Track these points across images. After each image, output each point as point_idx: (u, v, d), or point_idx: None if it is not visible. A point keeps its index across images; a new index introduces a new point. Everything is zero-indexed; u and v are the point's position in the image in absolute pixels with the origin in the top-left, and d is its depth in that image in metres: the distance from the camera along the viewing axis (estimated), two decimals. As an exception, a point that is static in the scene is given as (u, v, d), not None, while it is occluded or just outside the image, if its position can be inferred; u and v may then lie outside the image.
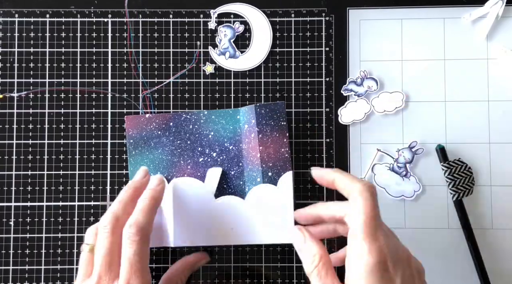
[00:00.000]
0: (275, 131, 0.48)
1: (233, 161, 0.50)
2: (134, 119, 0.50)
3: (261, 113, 0.48)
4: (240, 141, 0.50)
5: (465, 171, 0.50)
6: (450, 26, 0.52)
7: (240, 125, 0.50)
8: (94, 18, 0.52)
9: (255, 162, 0.48)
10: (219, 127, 0.50)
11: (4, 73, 0.52)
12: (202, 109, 0.52)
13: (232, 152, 0.50)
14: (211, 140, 0.50)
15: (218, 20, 0.52)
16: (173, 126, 0.50)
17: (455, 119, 0.52)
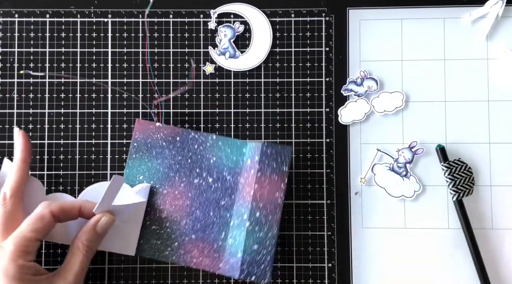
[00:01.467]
0: (275, 174, 0.48)
1: (227, 192, 0.50)
2: (144, 124, 0.50)
3: (266, 152, 0.48)
4: (239, 174, 0.50)
5: (465, 171, 0.50)
6: (450, 26, 0.52)
7: (243, 158, 0.50)
8: (94, 18, 0.52)
9: (247, 199, 0.48)
10: (222, 155, 0.50)
11: (4, 73, 0.52)
12: (203, 109, 0.52)
13: (228, 182, 0.50)
14: (211, 165, 0.50)
15: (218, 20, 0.52)
16: (179, 141, 0.50)
17: (455, 119, 0.52)
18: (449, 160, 0.50)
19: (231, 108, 0.52)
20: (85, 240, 0.46)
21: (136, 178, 0.50)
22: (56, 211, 0.46)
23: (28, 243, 0.44)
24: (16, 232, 0.44)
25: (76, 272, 0.45)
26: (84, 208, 0.47)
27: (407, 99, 0.52)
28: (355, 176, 0.51)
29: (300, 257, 0.51)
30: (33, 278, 0.44)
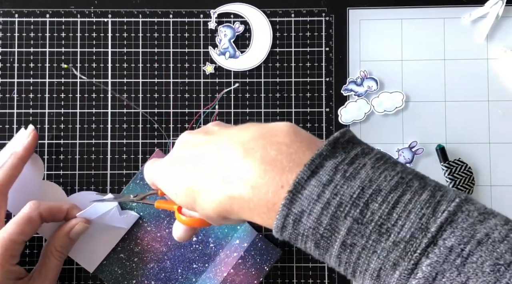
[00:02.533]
0: (254, 268, 0.48)
1: (203, 258, 0.49)
2: (162, 156, 0.50)
3: (256, 244, 0.48)
4: (222, 247, 0.49)
5: (465, 171, 0.50)
6: (450, 26, 0.52)
7: (234, 235, 0.49)
8: (94, 18, 0.52)
9: (218, 276, 0.48)
10: None
11: (4, 73, 0.52)
12: (203, 109, 0.52)
13: (209, 249, 0.49)
14: None
15: (218, 20, 0.52)
16: None
17: (455, 119, 0.52)
18: (449, 160, 0.50)
19: (231, 108, 0.52)
20: (59, 246, 0.46)
21: (129, 202, 0.50)
22: (44, 213, 0.45)
23: (15, 246, 0.44)
24: (2, 234, 0.43)
25: (51, 278, 0.46)
26: (70, 213, 0.47)
27: (407, 99, 0.52)
28: (355, 176, 0.51)
29: (300, 257, 0.51)
30: (16, 283, 0.44)
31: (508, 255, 0.25)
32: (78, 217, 0.47)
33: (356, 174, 0.28)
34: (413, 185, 0.28)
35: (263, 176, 0.29)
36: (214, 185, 0.31)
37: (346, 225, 0.27)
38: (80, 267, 0.50)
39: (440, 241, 0.26)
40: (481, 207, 0.28)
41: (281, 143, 0.30)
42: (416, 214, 0.27)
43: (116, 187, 0.51)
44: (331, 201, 0.27)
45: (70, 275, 0.50)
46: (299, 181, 0.28)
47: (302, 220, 0.28)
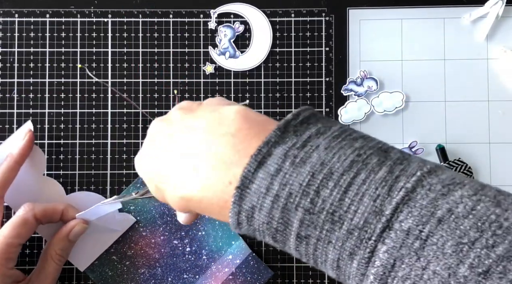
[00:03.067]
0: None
1: (195, 269, 0.49)
2: None
3: (249, 262, 0.48)
4: (215, 260, 0.49)
5: (465, 171, 0.50)
6: (450, 26, 0.52)
7: (227, 249, 0.49)
8: (94, 18, 0.52)
9: None
10: (212, 234, 0.49)
11: (4, 73, 0.52)
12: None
13: (201, 261, 0.49)
14: (197, 237, 0.49)
15: (218, 20, 0.52)
16: None
17: (455, 119, 0.52)
18: (449, 160, 0.50)
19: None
20: (59, 249, 0.46)
21: (128, 204, 0.50)
22: (39, 215, 0.45)
23: (11, 249, 0.43)
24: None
25: (50, 281, 0.45)
26: (66, 213, 0.47)
27: (407, 99, 0.52)
28: (355, 176, 0.51)
29: (300, 257, 0.51)
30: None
31: (473, 232, 0.22)
32: (78, 218, 0.47)
33: (307, 158, 0.26)
34: (371, 161, 0.26)
35: (209, 175, 0.28)
36: (170, 187, 0.30)
37: (298, 217, 0.25)
38: (80, 267, 0.50)
39: (396, 224, 0.23)
40: (448, 177, 0.25)
41: (226, 134, 0.28)
42: (370, 196, 0.24)
43: (116, 187, 0.51)
44: (280, 192, 0.26)
45: (70, 275, 0.50)
46: (246, 175, 0.26)
47: (254, 216, 0.27)
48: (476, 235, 0.22)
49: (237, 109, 0.30)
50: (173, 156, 0.30)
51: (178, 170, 0.30)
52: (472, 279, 0.22)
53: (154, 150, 0.32)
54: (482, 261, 0.22)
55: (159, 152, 0.32)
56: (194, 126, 0.30)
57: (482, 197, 0.24)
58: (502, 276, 0.21)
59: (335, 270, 0.26)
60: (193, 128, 0.30)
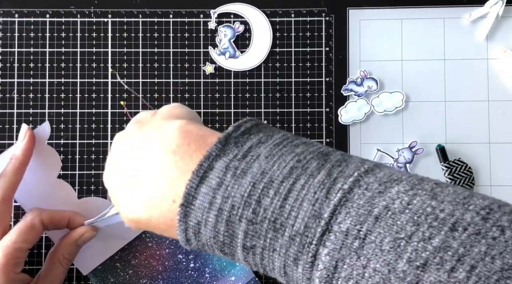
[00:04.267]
0: None
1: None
2: None
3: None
4: (217, 280, 0.49)
5: (465, 171, 0.50)
6: (450, 26, 0.52)
7: (231, 270, 0.49)
8: (94, 18, 0.52)
9: None
10: None
11: (4, 73, 0.52)
12: (203, 109, 0.52)
13: (204, 278, 0.49)
14: (202, 254, 0.49)
15: (218, 20, 0.52)
16: None
17: (455, 119, 0.52)
18: (449, 160, 0.50)
19: (231, 108, 0.52)
20: (67, 253, 0.46)
21: None
22: (46, 221, 0.45)
23: (19, 254, 0.43)
24: (6, 242, 0.43)
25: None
26: (73, 221, 0.46)
27: (407, 99, 0.52)
28: (355, 176, 0.51)
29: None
30: None
31: (410, 226, 0.23)
32: (86, 224, 0.47)
33: (248, 169, 0.26)
34: (310, 166, 0.26)
35: (153, 195, 0.28)
36: (121, 208, 0.30)
37: (242, 228, 0.26)
38: (80, 267, 0.50)
39: (335, 226, 0.24)
40: (385, 175, 0.25)
41: (167, 151, 0.28)
42: (309, 201, 0.24)
43: (116, 187, 0.51)
44: (223, 205, 0.26)
45: (70, 275, 0.50)
46: (189, 191, 0.26)
47: (201, 231, 0.27)
48: (413, 229, 0.22)
49: (178, 125, 0.29)
50: (122, 177, 0.30)
51: (125, 192, 0.30)
52: (411, 273, 0.22)
53: (110, 169, 0.32)
54: (420, 254, 0.22)
55: (113, 172, 0.32)
56: (140, 144, 0.31)
57: (418, 191, 0.24)
58: (439, 267, 0.21)
59: (283, 277, 0.26)
60: (139, 147, 0.30)
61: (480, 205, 0.23)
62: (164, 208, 0.28)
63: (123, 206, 0.30)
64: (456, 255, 0.21)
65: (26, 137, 0.47)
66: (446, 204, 0.23)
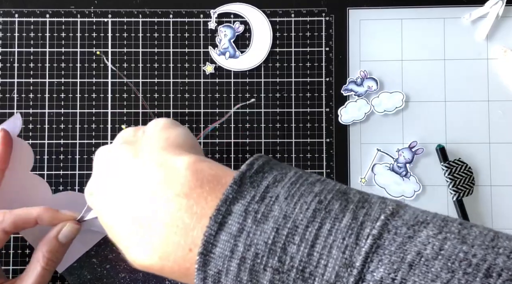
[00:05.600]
0: None
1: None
2: None
3: None
4: None
5: (465, 171, 0.50)
6: (450, 26, 0.52)
7: None
8: (94, 18, 0.52)
9: None
10: None
11: (4, 73, 0.52)
12: (203, 109, 0.52)
13: None
14: None
15: (218, 20, 0.52)
16: None
17: (455, 119, 0.52)
18: (449, 160, 0.50)
19: (231, 108, 0.52)
20: (46, 251, 0.42)
21: None
22: (9, 227, 0.42)
23: None
24: None
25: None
26: (41, 218, 0.43)
27: (407, 99, 0.52)
28: (355, 176, 0.51)
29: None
30: None
31: (445, 273, 0.22)
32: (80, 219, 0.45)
33: (269, 212, 0.25)
34: (333, 208, 0.25)
35: (166, 243, 0.26)
36: (126, 250, 0.29)
37: (267, 278, 0.24)
38: (80, 267, 0.50)
39: (368, 275, 0.23)
40: (411, 217, 0.25)
41: (179, 195, 0.27)
42: (338, 248, 0.24)
43: (116, 187, 0.51)
44: (246, 254, 0.25)
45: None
46: (208, 239, 0.25)
47: (221, 280, 0.25)
48: (448, 276, 0.22)
49: (188, 163, 0.28)
50: (123, 215, 0.29)
51: (130, 234, 0.28)
52: None
53: (104, 188, 0.31)
54: None
55: (109, 193, 0.30)
56: (143, 180, 0.29)
57: (447, 235, 0.24)
58: None
59: None
60: (142, 182, 0.29)
61: (510, 248, 0.23)
62: (179, 256, 0.26)
63: (128, 249, 0.28)
64: None
65: (1, 141, 0.45)
66: (477, 248, 0.23)
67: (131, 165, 0.30)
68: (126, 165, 0.30)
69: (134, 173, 0.30)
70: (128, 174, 0.30)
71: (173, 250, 0.26)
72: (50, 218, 0.43)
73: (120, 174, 0.30)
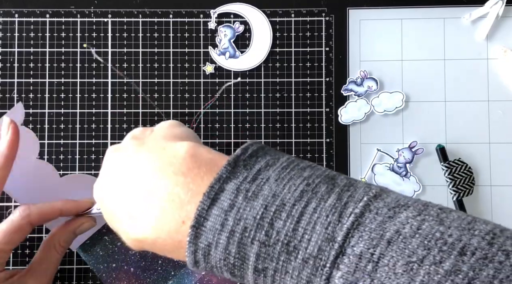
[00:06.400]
0: None
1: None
2: None
3: None
4: None
5: (465, 171, 0.50)
6: (450, 26, 0.52)
7: None
8: (94, 18, 0.52)
9: (196, 273, 0.48)
10: None
11: (4, 73, 0.52)
12: (203, 109, 0.52)
13: None
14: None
15: (218, 20, 0.52)
16: None
17: (455, 119, 0.52)
18: (449, 160, 0.50)
19: (231, 108, 0.52)
20: (63, 241, 0.45)
21: None
22: (35, 220, 0.43)
23: (2, 255, 0.42)
24: None
25: (51, 272, 0.44)
26: (65, 210, 0.44)
27: (407, 99, 0.52)
28: (355, 176, 0.51)
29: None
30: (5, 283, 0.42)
31: (421, 250, 0.23)
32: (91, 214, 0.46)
33: (259, 191, 0.27)
34: (320, 190, 0.27)
35: (162, 216, 0.28)
36: (123, 227, 0.30)
37: (254, 251, 0.26)
38: (80, 267, 0.50)
39: (348, 249, 0.24)
40: (393, 200, 0.26)
41: (177, 173, 0.29)
42: (322, 224, 0.25)
43: (116, 187, 0.51)
44: (235, 227, 0.26)
45: (70, 275, 0.50)
46: (200, 213, 0.27)
47: (211, 253, 0.27)
48: (424, 253, 0.23)
49: (188, 147, 0.30)
50: (125, 193, 0.30)
51: (129, 209, 0.30)
52: None
53: (109, 183, 0.32)
54: (432, 277, 0.23)
55: (113, 186, 0.32)
56: (145, 163, 0.31)
57: (426, 217, 0.25)
58: None
59: None
60: (144, 165, 0.31)
61: (485, 230, 0.24)
62: (173, 229, 0.28)
63: (125, 226, 0.30)
64: (467, 279, 0.22)
65: (10, 130, 0.45)
66: (453, 230, 0.24)
67: (136, 153, 0.32)
68: (132, 153, 0.32)
69: (138, 158, 0.31)
70: (133, 160, 0.32)
71: (168, 222, 0.28)
72: (72, 209, 0.45)
73: (125, 162, 0.32)
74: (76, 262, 0.50)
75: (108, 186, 0.32)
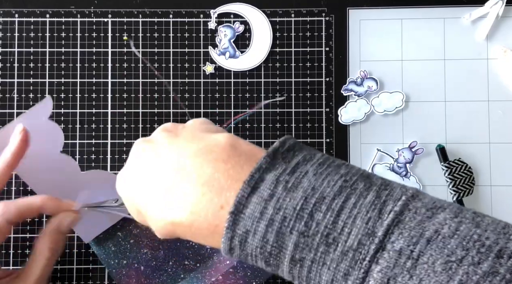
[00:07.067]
0: (243, 281, 0.47)
1: (196, 257, 0.49)
2: None
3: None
4: (217, 252, 0.49)
5: (465, 171, 0.50)
6: (450, 26, 0.52)
7: None
8: (94, 18, 0.52)
9: (206, 278, 0.48)
10: None
11: (4, 73, 0.52)
12: (203, 109, 0.52)
13: (204, 250, 0.49)
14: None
15: (218, 20, 0.52)
16: None
17: (455, 119, 0.52)
18: (449, 160, 0.50)
19: (231, 108, 0.52)
20: (50, 243, 0.43)
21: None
22: (13, 218, 0.42)
23: None
24: None
25: (37, 277, 0.43)
26: (45, 206, 0.44)
27: (407, 99, 0.52)
28: (355, 176, 0.51)
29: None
30: None
31: (460, 250, 0.24)
32: (77, 207, 0.45)
33: (298, 183, 0.27)
34: (358, 187, 0.27)
35: (200, 199, 0.28)
36: (157, 212, 0.30)
37: (293, 240, 0.26)
38: (80, 267, 0.50)
39: (388, 245, 0.25)
40: (429, 202, 0.27)
41: (218, 160, 0.29)
42: (362, 219, 0.26)
43: (116, 187, 0.51)
44: (275, 217, 0.27)
45: (70, 275, 0.50)
46: (240, 200, 0.27)
47: (248, 240, 0.27)
48: (463, 253, 0.24)
49: (227, 138, 0.31)
50: (161, 179, 0.31)
51: (165, 194, 0.30)
52: None
53: (139, 171, 0.32)
54: (470, 277, 0.23)
55: (145, 174, 0.32)
56: (183, 150, 0.31)
57: (463, 219, 0.26)
58: None
59: None
60: (182, 152, 0.31)
61: None
62: (210, 213, 0.28)
63: (159, 210, 0.30)
64: (504, 280, 0.23)
65: (19, 139, 0.45)
66: (490, 233, 0.25)
67: (171, 144, 0.32)
68: (166, 144, 0.32)
69: (175, 147, 0.32)
70: (168, 149, 0.32)
71: (206, 207, 0.28)
72: (53, 207, 0.44)
73: (159, 151, 0.32)
74: (76, 262, 0.50)
75: (137, 174, 0.32)
